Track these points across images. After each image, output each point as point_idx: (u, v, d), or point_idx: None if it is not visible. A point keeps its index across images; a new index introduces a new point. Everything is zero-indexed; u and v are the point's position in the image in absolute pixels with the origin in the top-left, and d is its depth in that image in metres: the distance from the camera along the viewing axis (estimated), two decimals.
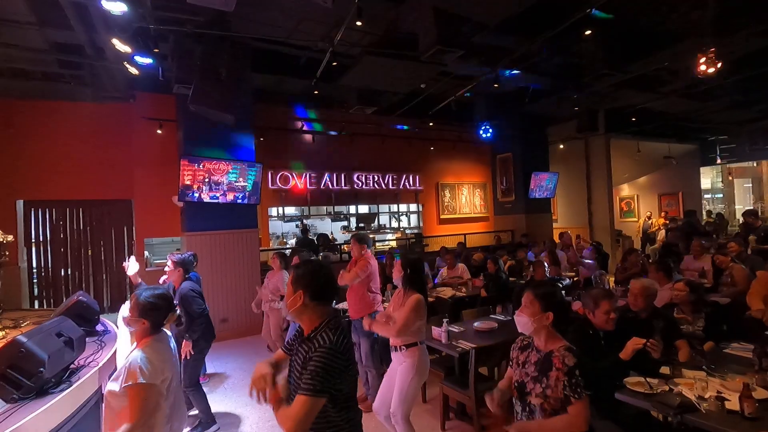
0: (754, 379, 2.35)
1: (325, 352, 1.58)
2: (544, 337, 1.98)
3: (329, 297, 1.76)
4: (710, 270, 5.50)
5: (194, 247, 6.29)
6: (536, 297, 1.99)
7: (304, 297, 1.68)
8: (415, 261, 3.06)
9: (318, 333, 1.65)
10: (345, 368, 1.60)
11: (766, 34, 5.95)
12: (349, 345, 1.69)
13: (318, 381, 1.53)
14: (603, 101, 9.38)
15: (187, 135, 6.42)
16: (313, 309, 1.70)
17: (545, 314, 1.95)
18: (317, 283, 1.71)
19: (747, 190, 16.68)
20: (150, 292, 2.11)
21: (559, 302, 2.02)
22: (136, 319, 2.06)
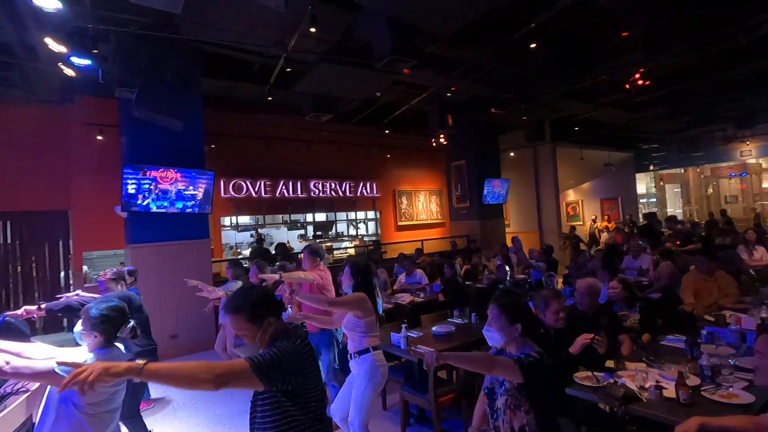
0: (687, 368, 2.53)
1: (285, 348, 1.55)
2: (515, 347, 1.98)
3: (270, 312, 1.68)
4: (649, 268, 5.92)
5: (140, 260, 5.93)
6: (502, 309, 1.98)
7: (245, 322, 1.63)
8: (364, 268, 3.04)
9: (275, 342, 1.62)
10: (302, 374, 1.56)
11: (690, 52, 6.54)
12: (311, 354, 1.66)
13: (266, 361, 1.47)
14: (549, 111, 9.90)
15: (131, 141, 6.06)
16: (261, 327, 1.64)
17: (514, 326, 1.96)
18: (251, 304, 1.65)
19: (677, 195, 18.18)
20: (103, 304, 2.00)
21: (524, 312, 2.03)
22: (87, 333, 1.96)
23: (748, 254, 6.49)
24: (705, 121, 11.83)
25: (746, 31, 5.80)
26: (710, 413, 2.00)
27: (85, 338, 1.98)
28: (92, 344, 1.96)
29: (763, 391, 2.21)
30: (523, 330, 1.96)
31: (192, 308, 6.31)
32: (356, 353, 2.86)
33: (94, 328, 1.94)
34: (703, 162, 14.73)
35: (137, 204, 5.87)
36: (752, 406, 2.14)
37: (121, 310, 2.05)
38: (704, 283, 4.40)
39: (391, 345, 3.74)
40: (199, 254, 6.47)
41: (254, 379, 1.45)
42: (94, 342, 1.96)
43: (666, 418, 2.15)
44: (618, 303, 3.82)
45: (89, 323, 1.95)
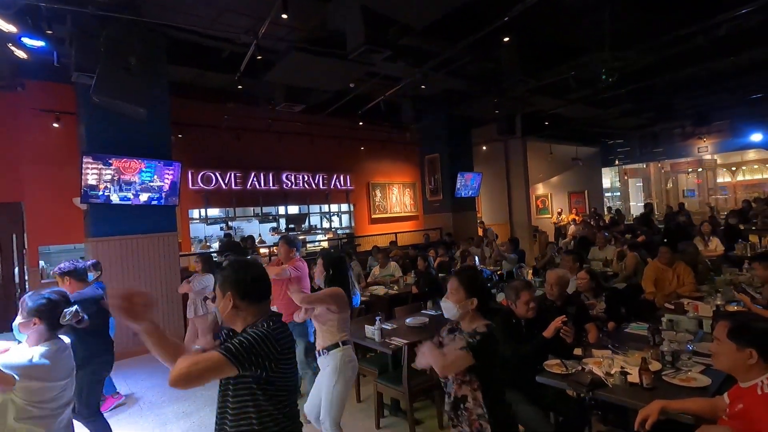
0: (649, 354, 2.65)
1: (257, 332, 1.49)
2: (468, 321, 2.04)
3: (262, 294, 1.64)
4: (615, 259, 6.15)
5: (101, 254, 5.66)
6: (461, 283, 2.04)
7: (234, 298, 1.57)
8: (337, 260, 2.98)
9: (253, 326, 1.55)
10: (277, 358, 1.50)
11: (652, 51, 6.78)
12: (288, 339, 1.59)
13: (239, 348, 1.43)
14: (520, 106, 10.07)
15: (91, 129, 5.74)
16: (246, 310, 1.59)
17: (470, 300, 2.01)
18: (245, 280, 1.59)
19: (639, 189, 18.97)
20: (38, 291, 1.89)
21: (482, 287, 2.09)
22: (27, 321, 1.80)
23: (703, 245, 6.85)
24: (665, 118, 12.36)
25: (705, 32, 6.05)
26: (671, 396, 2.10)
27: (24, 329, 1.82)
28: (33, 335, 1.81)
29: (719, 374, 2.33)
30: (479, 304, 2.01)
31: (159, 302, 6.10)
32: (325, 349, 2.77)
33: (33, 314, 1.80)
34: (664, 157, 15.42)
35: (98, 195, 5.59)
36: (709, 388, 2.26)
37: (62, 293, 1.93)
38: (664, 273, 4.61)
39: (365, 338, 3.73)
40: (166, 248, 6.23)
41: (230, 367, 1.42)
42: (35, 332, 1.80)
43: (630, 402, 2.23)
44: (584, 293, 3.94)
45: (27, 310, 1.81)
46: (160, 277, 6.14)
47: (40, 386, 1.73)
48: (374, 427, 3.60)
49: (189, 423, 3.89)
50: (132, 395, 4.53)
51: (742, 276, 4.92)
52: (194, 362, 1.40)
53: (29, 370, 1.68)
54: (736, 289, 4.12)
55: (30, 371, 1.69)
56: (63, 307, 1.87)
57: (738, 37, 6.50)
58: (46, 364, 1.75)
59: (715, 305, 3.57)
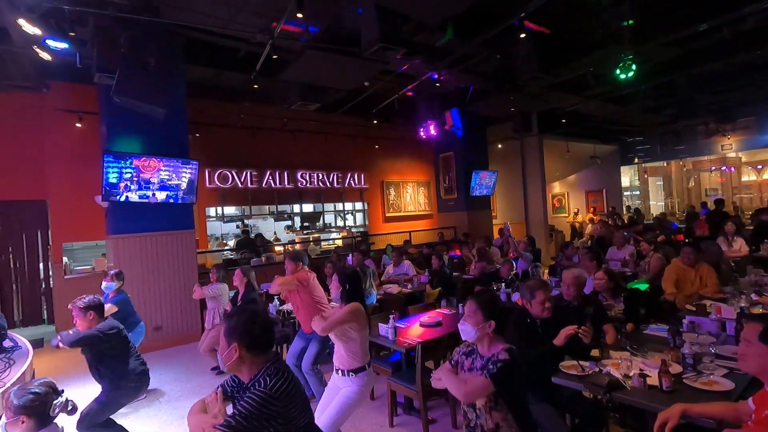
0: (669, 356, 2.58)
1: (257, 395, 1.53)
2: (487, 344, 2.07)
3: (267, 345, 1.70)
4: (631, 259, 6.02)
5: (121, 250, 5.81)
6: (479, 305, 2.07)
7: (240, 350, 1.62)
8: (352, 275, 2.95)
9: (256, 379, 1.62)
10: (282, 413, 1.55)
11: (674, 44, 6.59)
12: (290, 389, 1.61)
13: (239, 420, 1.49)
14: (536, 103, 9.92)
15: (112, 129, 5.89)
16: (251, 360, 1.65)
17: (488, 323, 2.03)
18: (252, 333, 1.64)
19: (659, 188, 18.51)
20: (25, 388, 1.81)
21: (500, 310, 2.12)
22: (15, 420, 1.74)
23: (726, 245, 6.65)
24: (688, 114, 12.04)
25: (731, 25, 5.86)
26: (692, 400, 2.04)
27: (12, 428, 1.75)
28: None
29: (742, 378, 2.27)
30: (497, 327, 2.04)
31: (176, 300, 6.23)
32: (351, 371, 2.73)
33: (21, 411, 1.73)
34: (685, 155, 15.00)
35: (118, 193, 5.72)
36: (732, 392, 2.19)
37: (49, 384, 1.85)
38: (686, 273, 4.49)
39: (379, 336, 3.73)
40: (184, 245, 6.36)
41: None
42: (24, 429, 1.74)
43: (649, 405, 2.18)
44: (603, 293, 3.87)
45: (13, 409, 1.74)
46: (179, 274, 6.27)
47: None
48: (387, 425, 3.60)
49: None
50: (151, 390, 4.63)
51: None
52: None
53: None
54: (759, 292, 3.99)
55: None
56: (51, 399, 1.80)
57: (764, 30, 6.28)
58: None
59: (739, 307, 3.46)
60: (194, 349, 5.79)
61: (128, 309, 4.37)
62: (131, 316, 4.41)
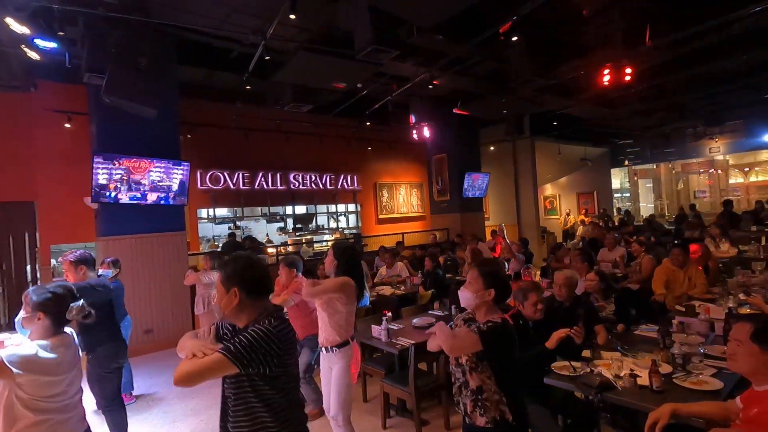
0: (659, 356, 2.61)
1: (260, 330, 1.50)
2: (484, 312, 2.04)
3: (266, 291, 1.65)
4: (622, 261, 6.09)
5: (112, 253, 5.72)
6: (481, 274, 2.05)
7: (240, 294, 1.56)
8: (346, 249, 2.91)
9: (257, 321, 1.55)
10: (278, 355, 1.51)
11: (663, 49, 6.68)
12: (290, 336, 1.60)
13: (239, 348, 1.44)
14: (528, 106, 10.00)
15: (101, 129, 5.82)
16: (251, 306, 1.59)
17: (488, 291, 2.01)
18: (252, 278, 1.60)
19: (649, 190, 18.74)
20: (43, 285, 1.88)
21: (502, 280, 2.09)
22: (31, 316, 1.76)
23: (714, 246, 6.74)
24: (676, 118, 12.21)
25: (718, 30, 5.96)
26: (682, 400, 2.06)
27: (27, 324, 1.79)
28: (38, 330, 1.77)
29: (731, 377, 2.30)
30: (496, 296, 2.02)
31: (167, 302, 6.17)
32: (335, 347, 2.75)
33: (38, 308, 1.76)
34: (674, 158, 15.21)
35: (108, 195, 5.66)
36: (721, 392, 2.22)
37: (67, 287, 1.90)
38: (675, 274, 4.55)
39: (372, 337, 3.73)
40: (175, 247, 6.30)
41: (230, 366, 1.44)
42: (39, 326, 1.77)
43: (640, 405, 2.20)
44: (594, 294, 3.90)
45: (32, 305, 1.78)
46: (170, 276, 6.20)
47: (47, 381, 1.72)
48: (381, 426, 3.60)
49: (197, 420, 3.92)
50: (142, 395, 4.57)
51: (756, 278, 4.83)
52: (199, 364, 1.44)
53: (35, 365, 1.67)
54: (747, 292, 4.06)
55: (36, 366, 1.68)
56: (69, 302, 1.84)
57: (752, 35, 6.40)
58: (52, 358, 1.73)
59: (727, 308, 3.51)
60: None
61: (121, 299, 4.31)
62: (122, 308, 4.34)
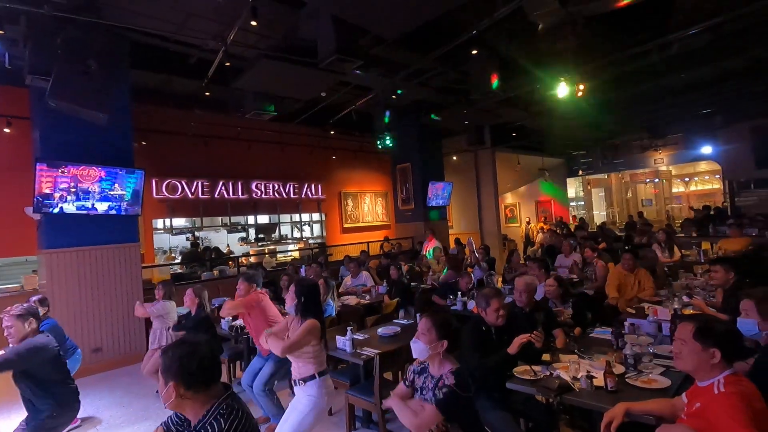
0: (613, 357, 2.72)
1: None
2: (438, 363, 2.11)
3: (209, 381, 1.50)
4: (576, 266, 6.34)
5: (56, 267, 5.35)
6: (434, 325, 2.10)
7: (178, 389, 1.44)
8: (309, 288, 2.88)
9: (207, 421, 1.43)
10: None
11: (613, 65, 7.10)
12: (246, 421, 1.49)
13: None
14: (489, 117, 10.33)
15: (46, 135, 5.44)
16: (194, 399, 1.47)
17: (440, 342, 2.08)
18: (190, 370, 1.45)
19: (601, 198, 19.76)
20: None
21: (453, 331, 2.16)
22: None
23: (660, 252, 7.17)
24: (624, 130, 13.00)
25: (659, 50, 6.42)
26: (634, 398, 2.16)
27: None
28: None
29: (678, 375, 2.43)
30: (449, 347, 2.08)
31: (118, 318, 5.82)
32: (301, 380, 2.69)
33: None
34: (623, 168, 16.14)
35: (53, 204, 5.29)
36: (669, 389, 2.34)
37: None
38: (626, 278, 4.79)
39: (337, 349, 3.67)
40: (128, 260, 5.96)
41: None
42: None
43: (596, 405, 2.28)
44: (552, 299, 4.03)
45: None
46: (122, 290, 5.86)
47: None
48: None
49: None
50: (88, 417, 4.25)
51: (697, 281, 5.17)
52: None
53: None
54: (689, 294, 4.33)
55: None
56: None
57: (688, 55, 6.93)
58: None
59: (672, 309, 3.72)
60: (137, 370, 5.40)
61: (60, 335, 3.99)
62: (65, 342, 4.04)
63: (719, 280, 3.81)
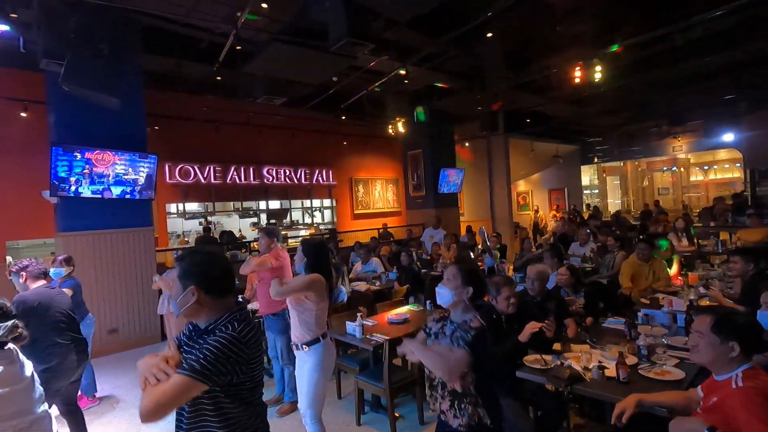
0: (626, 348, 2.69)
1: (226, 338, 1.37)
2: (461, 310, 2.05)
3: (227, 289, 1.51)
4: (594, 254, 6.25)
5: (72, 249, 5.46)
6: (460, 271, 2.07)
7: (198, 293, 1.42)
8: (315, 245, 2.85)
9: (219, 324, 1.43)
10: (246, 360, 1.41)
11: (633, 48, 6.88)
12: (256, 337, 1.49)
13: (204, 364, 1.31)
14: (502, 103, 10.14)
15: (62, 119, 5.50)
16: (210, 305, 1.46)
17: (465, 288, 2.03)
18: (211, 275, 1.46)
19: (616, 186, 19.41)
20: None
21: (479, 278, 2.11)
22: None
23: (677, 241, 7.03)
24: (642, 117, 12.66)
25: (682, 32, 6.18)
26: (646, 390, 2.13)
27: None
28: None
29: (692, 368, 2.39)
30: (473, 293, 2.04)
31: (133, 300, 5.94)
32: (304, 344, 2.70)
33: None
34: (640, 156, 15.80)
35: (69, 188, 5.37)
36: (683, 381, 2.30)
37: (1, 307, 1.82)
38: (641, 268, 4.71)
39: (346, 334, 3.69)
40: (142, 243, 6.05)
41: (199, 386, 1.31)
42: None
43: (608, 396, 2.26)
44: (564, 288, 3.98)
45: None
46: (136, 273, 5.96)
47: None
48: (355, 423, 3.58)
49: (164, 422, 3.77)
50: (105, 396, 4.38)
51: (714, 271, 5.06)
52: (162, 392, 1.29)
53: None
54: (706, 285, 4.25)
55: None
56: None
57: (712, 39, 6.67)
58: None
59: (688, 300, 3.66)
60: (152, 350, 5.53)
61: (80, 297, 4.10)
62: (80, 307, 4.12)
63: (738, 271, 3.72)
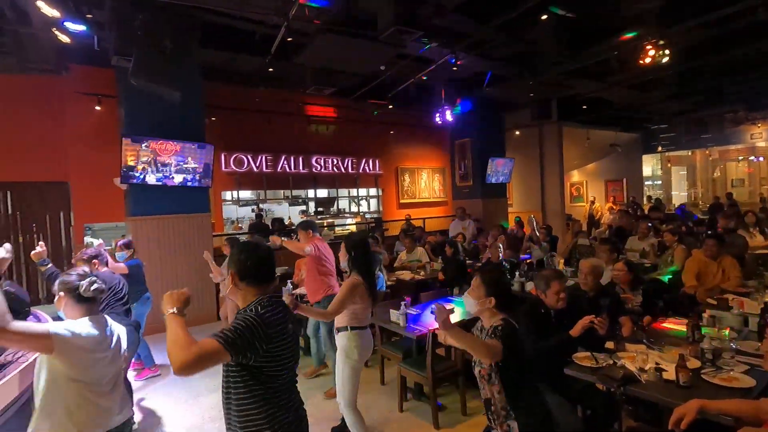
0: (688, 351, 2.51)
1: (247, 317, 1.57)
2: (487, 317, 2.12)
3: (261, 278, 1.72)
4: (651, 251, 5.86)
5: (140, 232, 5.92)
6: (483, 281, 2.11)
7: (234, 278, 1.70)
8: (358, 242, 2.96)
9: (248, 307, 1.66)
10: (266, 339, 1.56)
11: (704, 27, 6.28)
12: (278, 320, 1.64)
13: (228, 335, 1.50)
14: (556, 89, 9.65)
15: (130, 112, 5.95)
16: (245, 290, 1.71)
17: (488, 298, 2.07)
18: (246, 263, 1.70)
19: (682, 177, 17.96)
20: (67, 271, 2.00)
21: (503, 287, 2.14)
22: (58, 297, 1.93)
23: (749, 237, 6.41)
24: (714, 102, 11.55)
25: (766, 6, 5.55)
26: (709, 396, 1.98)
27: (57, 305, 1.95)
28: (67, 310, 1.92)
29: (764, 375, 2.19)
30: (497, 303, 2.07)
31: (191, 282, 6.34)
32: (336, 329, 2.88)
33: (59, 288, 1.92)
34: (712, 144, 14.47)
35: (136, 176, 5.81)
36: (753, 390, 2.13)
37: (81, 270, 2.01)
38: (708, 266, 4.36)
39: (390, 321, 3.74)
40: (200, 228, 6.44)
41: (225, 354, 1.49)
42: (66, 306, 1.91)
43: (665, 399, 2.14)
44: (620, 285, 3.78)
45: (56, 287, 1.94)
46: (195, 257, 6.36)
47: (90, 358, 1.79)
48: (397, 409, 3.64)
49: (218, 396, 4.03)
50: (165, 366, 4.76)
51: None
52: (192, 351, 1.44)
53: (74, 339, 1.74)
54: None
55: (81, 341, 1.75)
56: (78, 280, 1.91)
57: None
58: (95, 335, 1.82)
59: (763, 302, 3.34)
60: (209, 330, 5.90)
61: (139, 276, 4.39)
62: (139, 285, 4.39)
63: None
